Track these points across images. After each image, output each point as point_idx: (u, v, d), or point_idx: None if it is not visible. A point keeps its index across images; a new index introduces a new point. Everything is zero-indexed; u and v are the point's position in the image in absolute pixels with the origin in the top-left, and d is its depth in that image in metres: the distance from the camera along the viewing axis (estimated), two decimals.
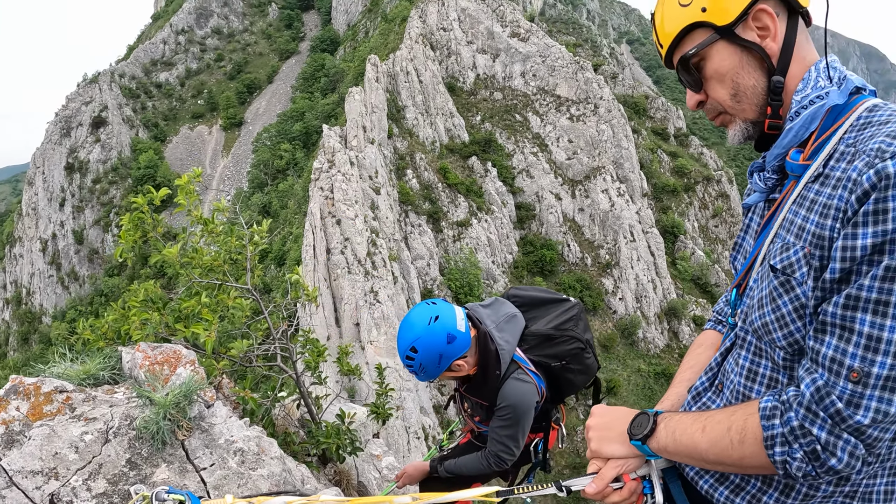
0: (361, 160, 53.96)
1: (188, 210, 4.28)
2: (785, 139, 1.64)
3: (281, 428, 4.21)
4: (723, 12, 1.62)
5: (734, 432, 1.54)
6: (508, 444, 3.44)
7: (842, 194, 1.40)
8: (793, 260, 1.51)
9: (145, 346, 3.48)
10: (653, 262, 65.41)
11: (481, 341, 3.32)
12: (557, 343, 3.56)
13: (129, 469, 2.68)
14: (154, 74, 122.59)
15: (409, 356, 3.16)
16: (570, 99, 74.59)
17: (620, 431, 1.85)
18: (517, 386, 3.31)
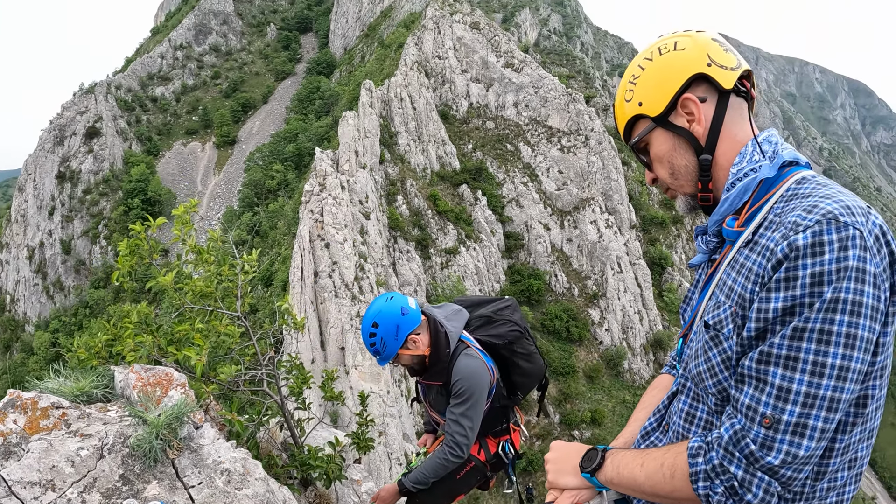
0: (352, 185, 54.12)
1: (183, 240, 4.50)
2: (721, 207, 1.83)
3: (265, 450, 4.39)
4: (654, 105, 1.87)
5: (666, 468, 1.73)
6: (462, 423, 3.72)
7: (761, 262, 1.58)
8: (722, 317, 1.69)
9: (139, 367, 3.68)
10: (640, 293, 65.70)
11: (432, 325, 3.78)
12: (497, 324, 4.03)
13: (121, 484, 2.88)
14: (150, 88, 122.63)
15: (372, 332, 3.61)
16: (562, 130, 75.15)
17: (574, 465, 2.05)
18: (466, 362, 3.71)
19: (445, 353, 3.74)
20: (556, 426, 54.29)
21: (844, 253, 1.47)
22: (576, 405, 55.94)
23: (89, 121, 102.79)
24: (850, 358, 1.49)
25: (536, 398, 4.43)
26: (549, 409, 54.97)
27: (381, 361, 3.79)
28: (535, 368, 4.07)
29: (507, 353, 3.96)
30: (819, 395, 1.50)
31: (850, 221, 1.49)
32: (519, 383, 4.05)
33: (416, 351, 3.75)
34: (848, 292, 1.46)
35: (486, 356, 3.85)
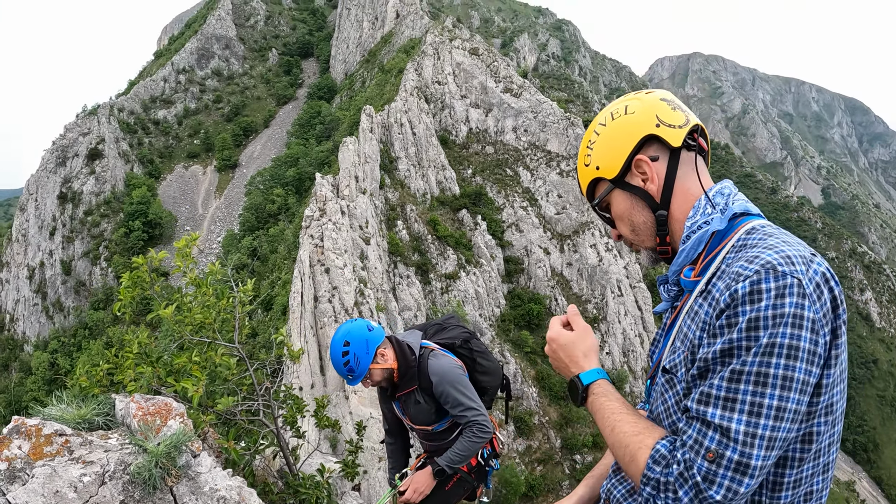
0: (353, 210, 54.28)
1: (184, 272, 4.68)
2: (679, 259, 1.93)
3: (261, 478, 4.54)
4: (611, 168, 2.01)
5: (629, 451, 1.79)
6: (470, 404, 4.05)
7: (708, 310, 1.69)
8: (676, 362, 1.82)
9: (139, 397, 3.84)
10: (640, 316, 65.67)
11: (393, 341, 4.16)
12: (448, 329, 4.44)
13: None
14: (153, 111, 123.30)
15: (345, 351, 3.93)
16: (560, 154, 75.52)
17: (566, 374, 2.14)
18: (437, 361, 4.07)
19: (413, 360, 4.10)
20: (558, 450, 54.02)
21: (781, 300, 1.55)
22: (577, 429, 55.68)
23: (91, 142, 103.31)
24: (786, 399, 1.57)
25: (504, 405, 4.78)
26: (550, 434, 54.71)
27: (355, 380, 4.06)
28: (494, 365, 4.43)
29: (466, 351, 4.35)
30: (758, 434, 1.58)
31: (787, 271, 1.58)
32: (483, 381, 4.39)
33: (386, 364, 4.08)
34: (784, 337, 1.55)
35: (451, 353, 4.26)
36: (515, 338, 60.61)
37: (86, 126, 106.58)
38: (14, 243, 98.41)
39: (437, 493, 4.29)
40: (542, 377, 57.87)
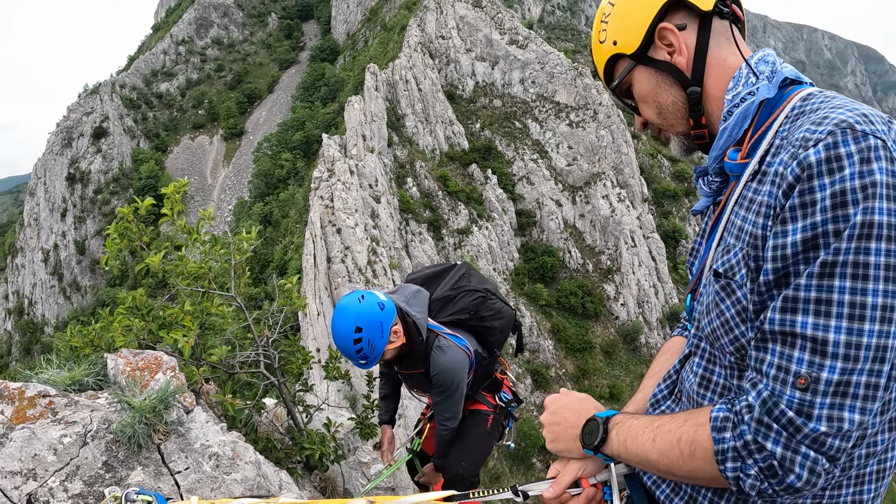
0: (361, 169, 53.97)
1: (173, 220, 4.34)
2: (720, 140, 1.62)
3: (265, 434, 4.25)
4: (630, 41, 1.68)
5: (684, 444, 1.46)
6: (445, 414, 3.94)
7: (771, 190, 1.37)
8: (732, 262, 1.47)
9: (127, 352, 3.53)
10: (654, 267, 65.29)
11: (401, 314, 3.76)
12: (458, 300, 4.05)
13: (105, 471, 2.74)
14: (155, 85, 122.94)
15: (357, 339, 3.50)
16: (570, 105, 74.55)
17: (573, 435, 1.79)
18: (441, 356, 3.76)
19: (420, 342, 3.77)
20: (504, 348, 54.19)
21: (868, 166, 1.24)
22: (594, 381, 55.86)
23: (96, 121, 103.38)
24: (894, 294, 1.24)
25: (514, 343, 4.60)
26: (568, 386, 54.93)
27: (369, 364, 3.69)
28: (506, 322, 4.17)
29: (475, 322, 4.04)
30: (863, 343, 1.25)
31: (868, 130, 1.28)
32: (494, 341, 4.19)
33: (398, 342, 3.72)
34: (882, 213, 1.23)
35: (457, 338, 3.91)
36: (530, 291, 60.57)
37: (89, 105, 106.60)
38: (26, 228, 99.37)
39: (481, 436, 4.23)
40: (558, 330, 57.94)
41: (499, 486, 2.05)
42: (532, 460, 48.75)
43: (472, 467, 4.13)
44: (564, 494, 1.79)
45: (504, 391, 4.41)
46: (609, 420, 1.71)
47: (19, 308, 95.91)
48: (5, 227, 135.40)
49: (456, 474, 4.07)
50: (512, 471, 47.49)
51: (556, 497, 1.79)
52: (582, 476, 1.80)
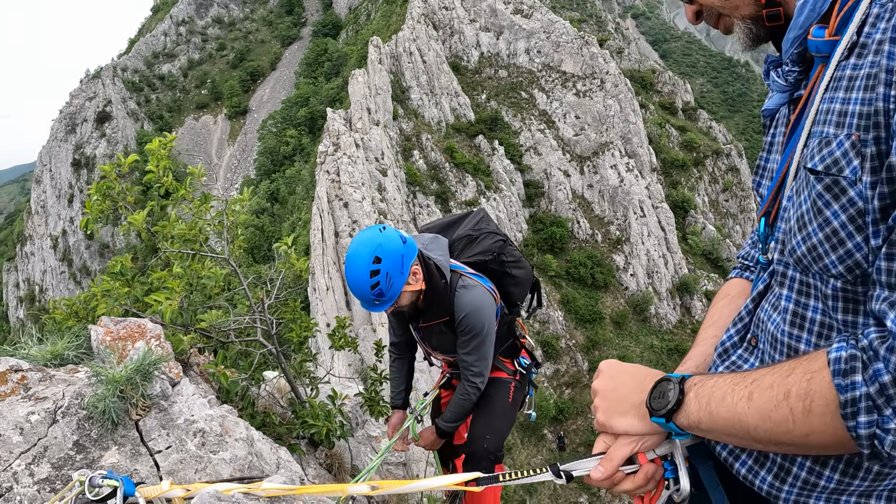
0: (367, 142, 53.57)
1: (158, 177, 3.97)
2: (800, 17, 1.30)
3: (263, 408, 3.91)
4: None
5: (795, 399, 1.10)
6: (473, 368, 3.56)
7: (892, 50, 1.07)
8: (837, 155, 1.14)
9: (108, 320, 3.18)
10: (663, 237, 64.73)
11: (421, 258, 3.42)
12: (480, 240, 3.80)
13: (75, 452, 2.39)
14: (156, 67, 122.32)
15: (374, 270, 3.14)
16: (576, 75, 73.63)
17: (636, 402, 1.45)
18: (468, 294, 3.44)
19: (442, 286, 3.45)
20: (585, 373, 54.15)
21: None
22: (604, 352, 55.65)
23: (99, 106, 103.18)
24: None
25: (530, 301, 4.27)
26: (578, 357, 54.78)
27: (383, 305, 3.30)
28: (526, 272, 3.92)
29: (497, 265, 3.77)
30: None
31: None
32: (514, 293, 3.91)
33: (416, 286, 3.39)
34: None
35: (482, 279, 3.63)
36: (539, 262, 60.28)
37: (91, 90, 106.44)
38: (34, 216, 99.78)
39: (502, 405, 3.91)
40: (568, 300, 57.76)
41: (536, 467, 1.64)
42: (543, 431, 48.80)
43: (496, 440, 3.78)
44: (617, 474, 1.43)
45: (523, 356, 4.14)
46: (685, 380, 1.34)
47: (31, 295, 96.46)
48: (13, 215, 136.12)
49: (480, 448, 3.73)
50: (523, 442, 47.54)
51: (608, 477, 1.43)
52: (639, 450, 1.44)
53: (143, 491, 1.93)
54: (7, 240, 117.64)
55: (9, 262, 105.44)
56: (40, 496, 2.22)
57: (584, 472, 1.50)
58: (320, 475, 4.20)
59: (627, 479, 1.44)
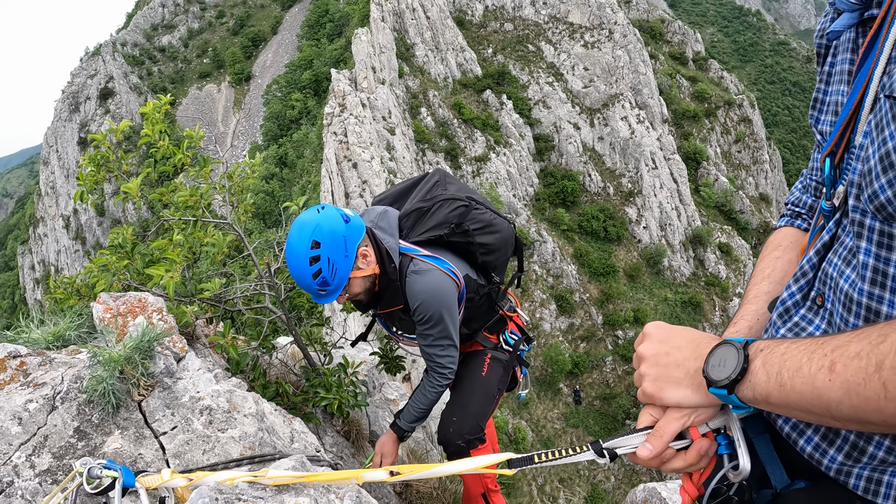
0: (373, 102, 53.08)
1: (154, 140, 3.76)
2: None
3: (276, 378, 3.74)
4: None
5: (890, 371, 0.92)
6: (439, 343, 3.12)
7: None
8: None
9: (106, 296, 2.99)
10: (676, 189, 64.20)
11: (372, 237, 3.06)
12: (433, 212, 3.22)
13: (77, 440, 2.23)
14: (156, 39, 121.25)
15: (314, 257, 2.78)
16: (584, 25, 72.43)
17: (690, 370, 1.26)
18: (418, 280, 3.01)
19: (393, 269, 3.04)
20: (600, 327, 54.17)
21: None
22: (618, 305, 55.65)
23: (101, 82, 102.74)
24: None
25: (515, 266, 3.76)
26: (592, 311, 54.74)
27: (329, 297, 2.95)
28: (502, 236, 3.34)
29: (460, 237, 3.23)
30: None
31: None
32: (491, 262, 3.39)
33: (368, 270, 2.99)
34: None
35: (437, 260, 3.11)
36: (551, 216, 60.02)
37: (92, 68, 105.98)
38: (44, 197, 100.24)
39: (474, 381, 3.44)
40: (581, 254, 57.63)
41: (576, 445, 1.46)
42: (559, 385, 49.06)
43: (468, 421, 3.32)
44: (667, 451, 1.27)
45: (512, 331, 3.64)
46: (749, 346, 1.17)
47: (46, 276, 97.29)
48: (24, 199, 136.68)
49: (448, 433, 3.32)
50: (540, 397, 47.83)
51: (658, 455, 1.27)
52: (691, 424, 1.27)
53: (144, 481, 1.77)
54: (20, 223, 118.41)
55: (22, 245, 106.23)
56: (42, 489, 2.07)
57: (629, 450, 1.34)
58: (338, 443, 4.06)
59: (678, 457, 1.29)
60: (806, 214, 1.59)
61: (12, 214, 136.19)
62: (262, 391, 3.40)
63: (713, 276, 59.45)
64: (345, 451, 4.09)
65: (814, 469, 1.23)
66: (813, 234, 1.36)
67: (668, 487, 3.78)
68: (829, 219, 1.28)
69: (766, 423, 1.34)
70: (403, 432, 3.33)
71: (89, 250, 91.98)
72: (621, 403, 49.46)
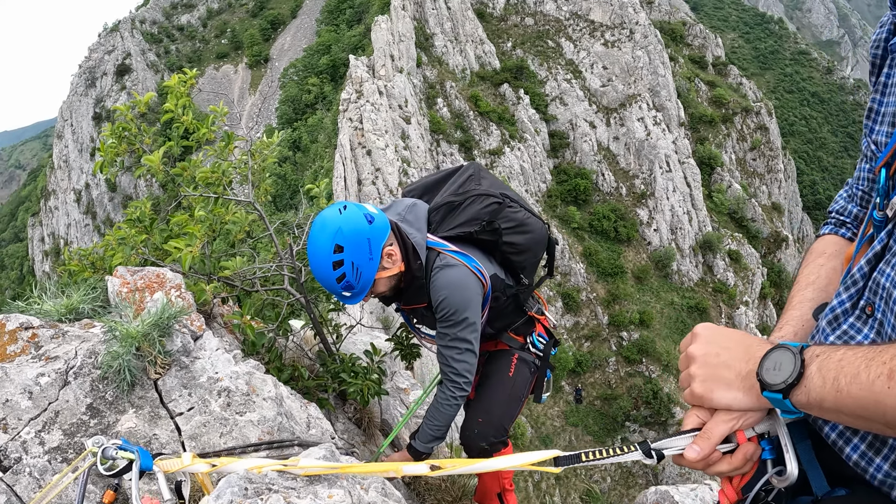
0: (390, 90, 52.94)
1: (177, 115, 3.67)
2: None
3: (291, 361, 3.67)
4: None
5: None
6: (454, 355, 2.95)
7: None
8: None
9: (124, 270, 2.91)
10: (689, 193, 63.80)
11: (398, 233, 2.91)
12: (465, 207, 3.09)
13: (89, 417, 2.15)
14: (175, 17, 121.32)
15: (337, 261, 2.65)
16: (605, 24, 71.98)
17: (742, 372, 1.24)
18: (444, 275, 2.87)
19: (419, 266, 2.90)
20: (605, 327, 54.00)
21: None
22: (624, 306, 55.45)
23: (118, 59, 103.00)
24: None
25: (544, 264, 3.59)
26: (598, 311, 54.60)
27: (355, 299, 2.83)
28: (534, 236, 3.21)
29: (490, 235, 3.08)
30: None
31: None
32: (520, 262, 3.23)
33: (394, 269, 2.87)
34: None
35: (465, 257, 2.98)
36: (562, 213, 59.83)
37: (110, 44, 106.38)
38: (57, 171, 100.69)
39: (500, 381, 3.31)
40: (590, 253, 57.45)
41: (623, 445, 1.44)
42: (560, 383, 48.99)
43: (495, 423, 3.21)
44: (714, 454, 1.30)
45: (539, 333, 3.50)
46: (805, 350, 1.18)
47: (56, 249, 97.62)
48: (36, 171, 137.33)
49: (472, 435, 3.21)
50: None
51: (705, 458, 1.29)
52: (739, 427, 1.29)
53: (163, 465, 1.69)
54: (31, 195, 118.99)
55: (33, 217, 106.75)
56: (51, 467, 1.99)
57: (676, 451, 1.35)
58: (349, 430, 3.99)
59: (723, 460, 1.30)
60: (850, 224, 1.58)
61: (24, 186, 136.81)
62: (276, 374, 3.32)
63: (721, 283, 59.13)
64: (356, 437, 4.02)
65: (856, 477, 1.23)
66: (861, 244, 1.34)
67: (679, 491, 3.72)
68: (880, 229, 1.26)
69: (808, 429, 1.32)
70: (421, 454, 3.11)
71: (99, 225, 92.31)
72: (621, 405, 49.35)
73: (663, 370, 51.17)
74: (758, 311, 60.49)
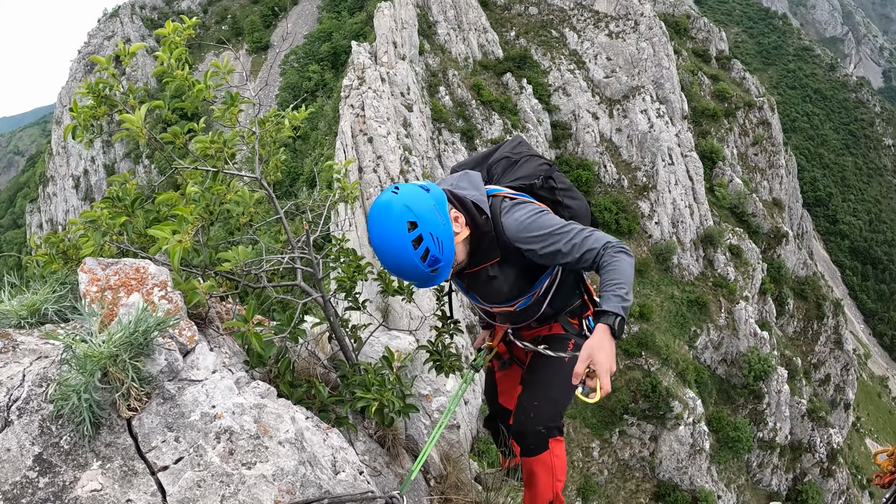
0: (392, 77, 52.15)
1: (172, 69, 3.01)
2: None
3: (304, 373, 3.01)
4: None
5: None
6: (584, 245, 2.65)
7: None
8: None
9: (93, 263, 2.23)
10: (691, 187, 63.12)
11: (454, 198, 2.80)
12: (521, 164, 3.13)
13: (37, 474, 1.47)
14: (175, 3, 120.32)
15: (416, 238, 2.34)
16: (609, 15, 71.12)
17: None
18: (515, 209, 2.78)
19: (485, 222, 2.76)
20: None
21: None
22: None
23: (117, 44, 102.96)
24: None
25: None
26: None
27: (443, 274, 2.57)
28: (582, 204, 3.21)
29: (547, 192, 3.04)
30: None
31: None
32: None
33: (463, 232, 2.73)
34: None
35: (527, 197, 2.92)
36: None
37: (109, 29, 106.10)
38: (55, 157, 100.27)
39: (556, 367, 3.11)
40: None
41: None
42: None
43: (550, 409, 3.04)
44: None
45: (590, 317, 3.32)
46: None
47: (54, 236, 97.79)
48: (35, 157, 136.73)
49: (528, 420, 3.00)
50: None
51: None
52: None
53: None
54: (30, 181, 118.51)
55: (31, 203, 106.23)
56: None
57: None
58: (370, 450, 3.34)
59: None
60: None
61: (23, 172, 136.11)
62: (287, 389, 2.68)
63: (721, 278, 58.63)
64: (378, 459, 3.38)
65: None
66: None
67: None
68: None
69: None
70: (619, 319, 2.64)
71: None
72: (620, 398, 48.87)
73: (662, 364, 50.70)
74: (757, 307, 60.15)
